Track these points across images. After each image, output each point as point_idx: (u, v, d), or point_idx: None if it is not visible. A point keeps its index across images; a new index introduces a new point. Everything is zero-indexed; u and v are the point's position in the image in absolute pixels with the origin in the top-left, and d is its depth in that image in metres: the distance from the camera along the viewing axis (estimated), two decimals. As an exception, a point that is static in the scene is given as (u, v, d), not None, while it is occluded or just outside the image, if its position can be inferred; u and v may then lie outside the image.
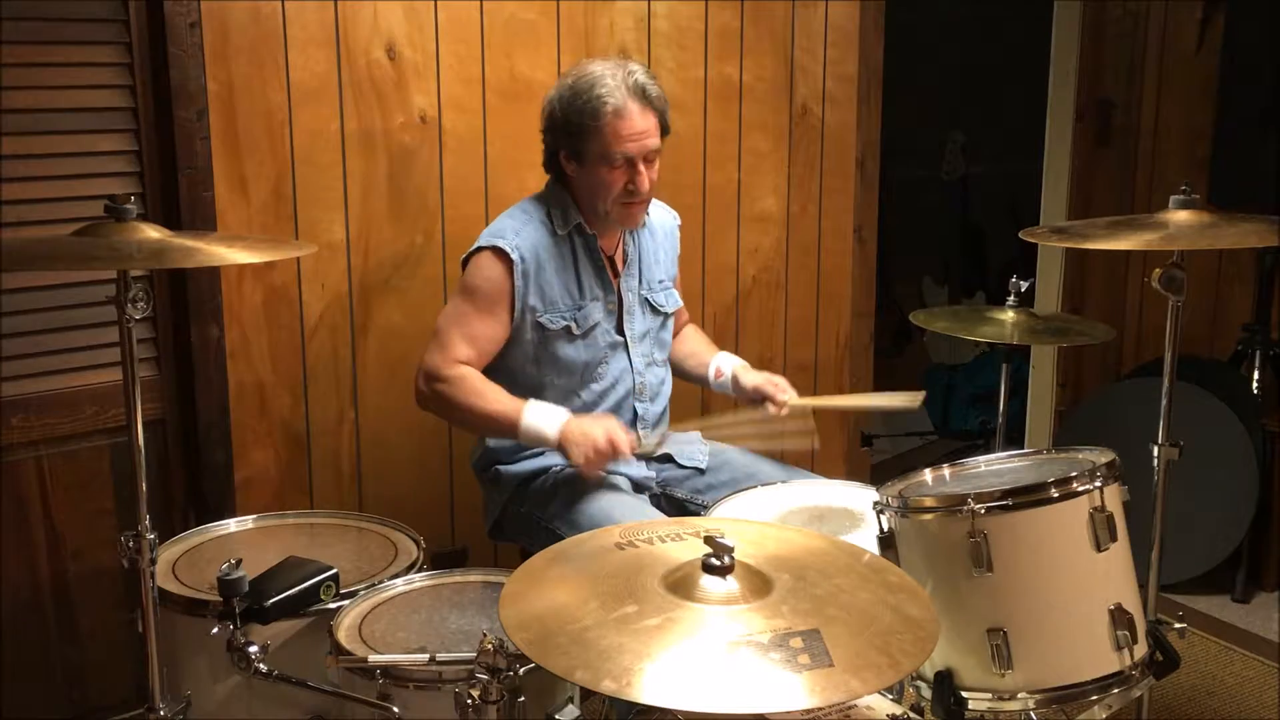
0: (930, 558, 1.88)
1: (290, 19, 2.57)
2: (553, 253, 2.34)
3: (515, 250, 2.30)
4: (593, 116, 2.25)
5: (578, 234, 2.37)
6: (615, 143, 2.26)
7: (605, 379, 2.42)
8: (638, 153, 2.28)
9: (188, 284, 2.54)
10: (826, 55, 3.31)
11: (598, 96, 2.25)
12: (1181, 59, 3.86)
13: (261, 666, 1.82)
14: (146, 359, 2.54)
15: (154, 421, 2.56)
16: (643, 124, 2.27)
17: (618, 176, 2.29)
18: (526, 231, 2.33)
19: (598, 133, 2.26)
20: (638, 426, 2.46)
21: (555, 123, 2.32)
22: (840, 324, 3.50)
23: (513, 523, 2.44)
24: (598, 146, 2.27)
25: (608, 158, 2.27)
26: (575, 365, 2.38)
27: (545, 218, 2.36)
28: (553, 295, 2.34)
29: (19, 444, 2.43)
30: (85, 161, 2.42)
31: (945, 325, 2.68)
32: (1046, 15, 3.93)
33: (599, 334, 2.40)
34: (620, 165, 2.28)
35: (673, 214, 2.62)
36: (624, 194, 2.30)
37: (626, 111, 2.25)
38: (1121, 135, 4.00)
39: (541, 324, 2.34)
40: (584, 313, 2.37)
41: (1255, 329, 3.66)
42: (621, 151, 2.26)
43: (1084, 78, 3.92)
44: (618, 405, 2.44)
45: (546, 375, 2.38)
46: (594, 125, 2.25)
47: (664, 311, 2.52)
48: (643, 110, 2.27)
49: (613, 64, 2.31)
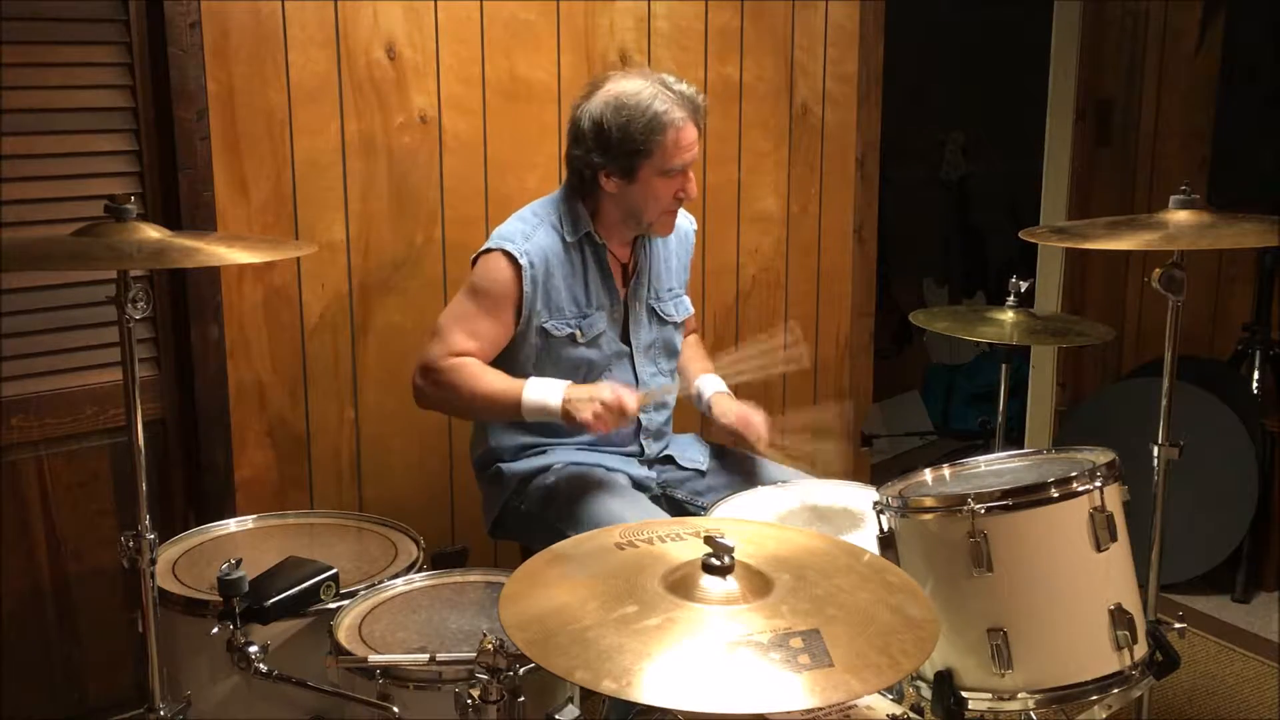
0: (930, 558, 1.88)
1: (290, 19, 2.57)
2: (561, 259, 2.33)
3: (525, 255, 2.28)
4: (659, 132, 2.24)
5: (587, 242, 2.36)
6: (675, 155, 2.27)
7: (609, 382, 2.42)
8: (690, 162, 2.31)
9: (188, 284, 2.54)
10: (826, 55, 3.31)
11: (661, 113, 2.24)
12: (1181, 59, 3.86)
13: (261, 666, 1.82)
14: (146, 359, 2.54)
15: (154, 421, 2.57)
16: (694, 134, 2.30)
17: (671, 187, 2.31)
18: (537, 236, 2.32)
19: (659, 148, 2.25)
20: (640, 436, 2.46)
21: (607, 141, 2.26)
22: (840, 324, 3.50)
23: (513, 521, 2.44)
24: (658, 162, 2.27)
25: (666, 171, 2.28)
26: (578, 372, 2.37)
27: (556, 223, 2.35)
28: (559, 302, 2.33)
29: (19, 444, 2.43)
30: (85, 161, 2.42)
31: (945, 325, 2.68)
32: (1046, 15, 3.93)
33: (604, 342, 2.40)
34: (675, 176, 2.30)
35: (689, 218, 2.61)
36: (673, 202, 2.33)
37: (684, 126, 2.27)
38: (1121, 135, 4.00)
39: (546, 330, 2.33)
40: (589, 320, 2.37)
41: (1255, 329, 3.66)
42: (681, 163, 2.29)
43: (1084, 78, 3.92)
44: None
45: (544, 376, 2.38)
46: (659, 141, 2.24)
47: (672, 320, 2.51)
48: (692, 123, 2.29)
49: (651, 77, 2.30)
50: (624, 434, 2.44)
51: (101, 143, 2.44)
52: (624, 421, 2.23)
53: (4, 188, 2.34)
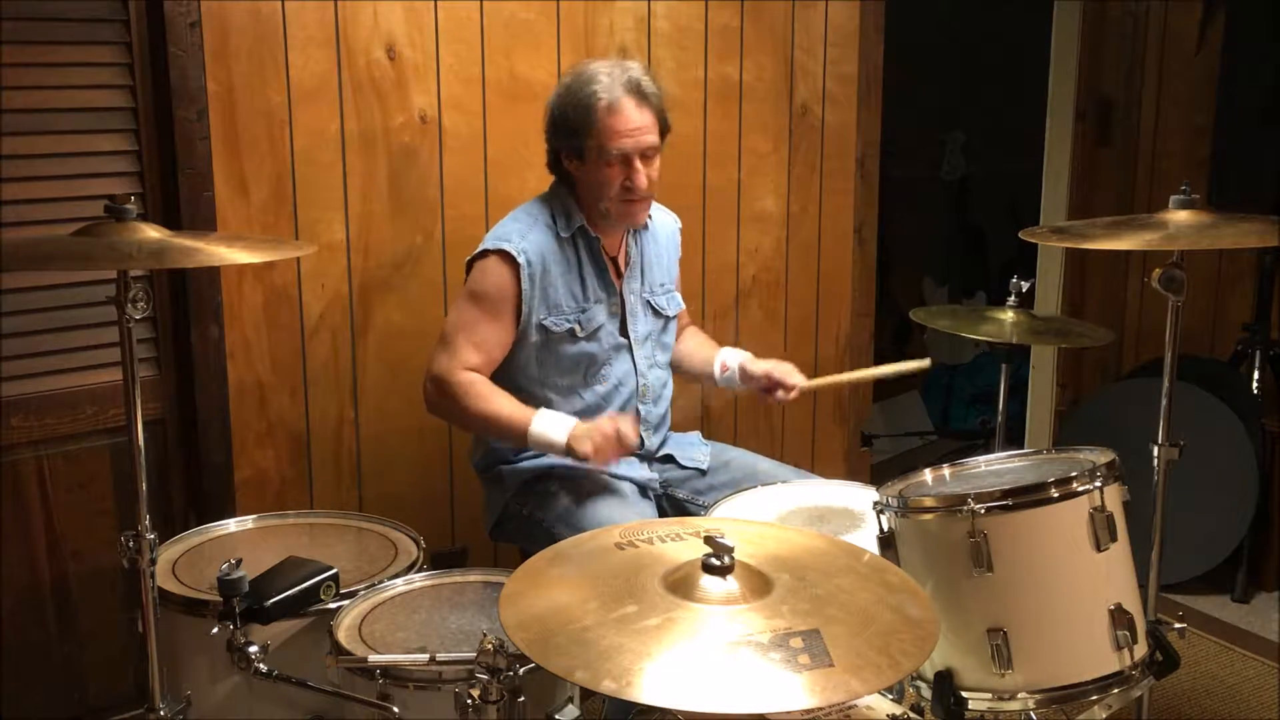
0: (930, 558, 1.88)
1: (290, 19, 2.57)
2: (557, 256, 2.34)
3: (522, 254, 2.29)
4: (588, 112, 2.26)
5: (581, 236, 2.37)
6: (611, 138, 2.26)
7: (609, 380, 2.42)
8: (633, 149, 2.28)
9: (188, 284, 2.54)
10: (826, 55, 3.31)
11: (592, 93, 2.26)
12: (1181, 59, 3.86)
13: (261, 666, 1.82)
14: (146, 359, 2.53)
15: (154, 421, 2.56)
16: (638, 119, 2.27)
17: (615, 174, 2.29)
18: (532, 235, 2.33)
19: (593, 129, 2.26)
20: (640, 428, 2.46)
21: (555, 122, 2.33)
22: (840, 324, 3.50)
23: (513, 524, 2.44)
24: (595, 143, 2.27)
25: (604, 154, 2.27)
26: (579, 367, 2.38)
27: (550, 220, 2.36)
28: (557, 298, 2.34)
29: (19, 444, 2.43)
30: (85, 161, 2.42)
31: (945, 325, 2.68)
32: (1046, 15, 3.93)
33: (603, 336, 2.40)
34: (616, 162, 2.28)
35: (673, 217, 2.61)
36: (622, 191, 2.30)
37: (620, 106, 2.26)
38: (1121, 135, 3.99)
39: (546, 326, 2.34)
40: (588, 315, 2.37)
41: (1255, 329, 3.66)
42: (617, 147, 2.27)
43: (1084, 78, 3.92)
44: (622, 407, 2.44)
45: (550, 376, 2.38)
46: (589, 121, 2.26)
47: (666, 314, 2.52)
48: (638, 106, 2.27)
49: (610, 63, 2.32)
50: None
51: (101, 143, 2.44)
52: (625, 450, 2.25)
53: (4, 188, 2.34)
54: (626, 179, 2.29)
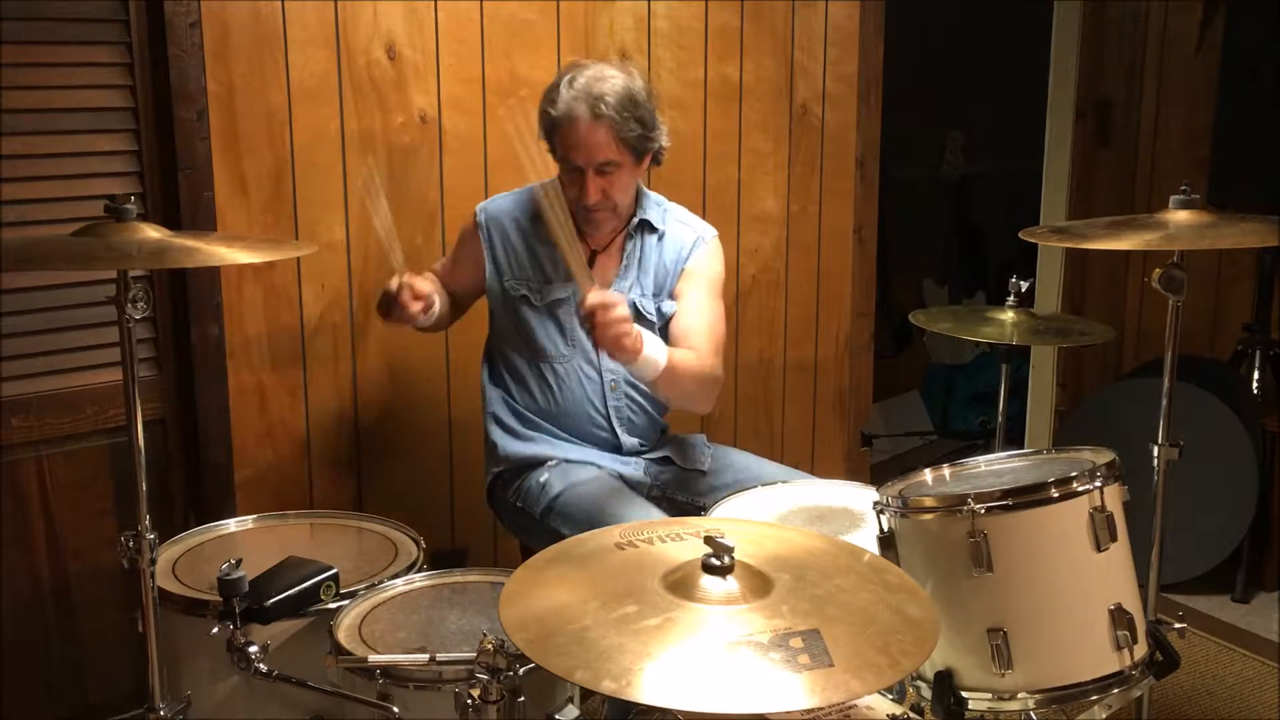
0: (930, 558, 1.88)
1: (290, 19, 2.57)
2: (525, 225, 2.42)
3: (482, 212, 2.46)
4: (543, 120, 2.31)
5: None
6: (562, 149, 2.28)
7: (569, 360, 2.42)
8: (584, 163, 2.27)
9: (188, 284, 2.54)
10: (826, 55, 3.31)
11: (550, 102, 2.28)
12: (1181, 59, 3.86)
13: (261, 666, 1.82)
14: (146, 359, 2.53)
15: (154, 421, 2.56)
16: (590, 136, 2.23)
17: (570, 182, 2.31)
18: (503, 201, 2.47)
19: (553, 136, 2.30)
20: (613, 421, 2.47)
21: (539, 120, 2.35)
22: (840, 324, 3.50)
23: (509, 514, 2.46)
24: (555, 150, 2.31)
25: (563, 163, 2.31)
26: (535, 335, 2.42)
27: (533, 195, 2.40)
28: (519, 262, 2.42)
29: (19, 444, 2.43)
30: (85, 161, 2.42)
31: (945, 325, 2.68)
32: (1046, 15, 3.93)
33: (563, 312, 2.41)
34: (571, 174, 2.30)
35: (701, 232, 2.51)
36: (577, 200, 2.30)
37: (568, 121, 2.24)
38: (1121, 135, 4.00)
39: (505, 289, 2.43)
40: (550, 287, 2.40)
41: (1255, 329, 3.66)
42: (570, 163, 2.28)
43: (1084, 78, 3.92)
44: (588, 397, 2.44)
45: (514, 341, 2.45)
46: (546, 129, 2.31)
47: (648, 318, 2.49)
48: (591, 121, 2.22)
49: (590, 68, 2.28)
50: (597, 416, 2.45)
51: (101, 143, 2.44)
52: (407, 311, 2.22)
53: (4, 188, 2.34)
54: (579, 190, 2.30)
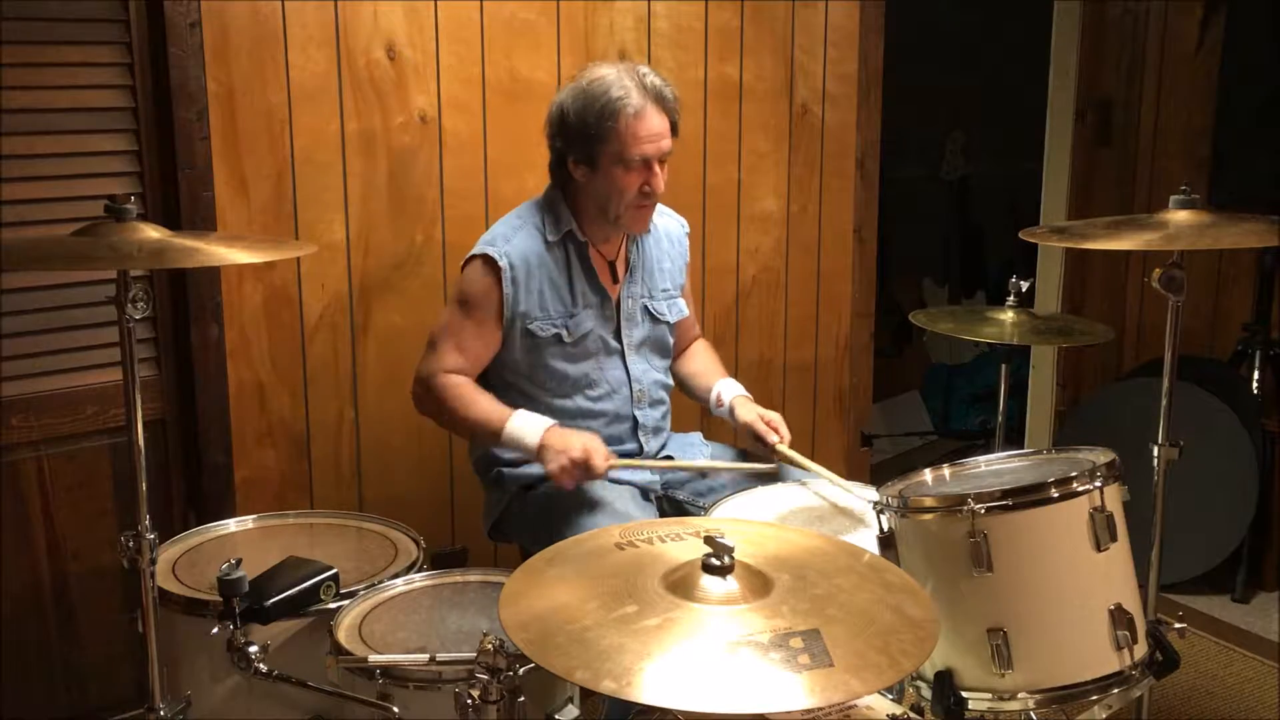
0: (930, 558, 1.88)
1: (290, 19, 2.57)
2: (544, 259, 2.34)
3: (504, 258, 2.30)
4: (611, 119, 2.24)
5: (570, 240, 2.37)
6: (633, 144, 2.26)
7: (600, 386, 2.42)
8: (654, 154, 2.28)
9: (188, 284, 2.54)
10: (826, 55, 3.31)
11: (616, 99, 2.24)
12: (1181, 59, 3.86)
13: (261, 666, 1.82)
14: (146, 359, 2.54)
15: (154, 421, 2.57)
16: (659, 125, 2.28)
17: (634, 179, 2.29)
18: (517, 239, 2.33)
19: (615, 135, 2.25)
20: (638, 434, 2.46)
21: (567, 127, 2.29)
22: (840, 324, 3.50)
23: (513, 526, 2.44)
24: (614, 149, 2.26)
25: (624, 160, 2.27)
26: (567, 373, 2.38)
27: (539, 224, 2.36)
28: (544, 303, 2.34)
29: (19, 444, 2.43)
30: (85, 161, 2.42)
31: (945, 325, 2.68)
32: (1046, 15, 3.93)
33: (591, 342, 2.39)
34: (637, 167, 2.28)
35: (681, 222, 2.61)
36: (639, 196, 2.31)
37: (645, 113, 2.25)
38: (1121, 135, 4.00)
39: (531, 331, 2.34)
40: (575, 320, 2.37)
41: (1255, 329, 3.66)
42: (639, 153, 2.27)
43: (1084, 78, 3.92)
44: (616, 413, 2.44)
45: (539, 381, 2.38)
46: (611, 127, 2.24)
47: (665, 320, 2.51)
48: (659, 112, 2.28)
49: (623, 67, 2.31)
50: (622, 430, 2.45)
51: (101, 143, 2.44)
52: (589, 477, 2.24)
53: (4, 188, 2.34)
54: (645, 184, 2.30)
